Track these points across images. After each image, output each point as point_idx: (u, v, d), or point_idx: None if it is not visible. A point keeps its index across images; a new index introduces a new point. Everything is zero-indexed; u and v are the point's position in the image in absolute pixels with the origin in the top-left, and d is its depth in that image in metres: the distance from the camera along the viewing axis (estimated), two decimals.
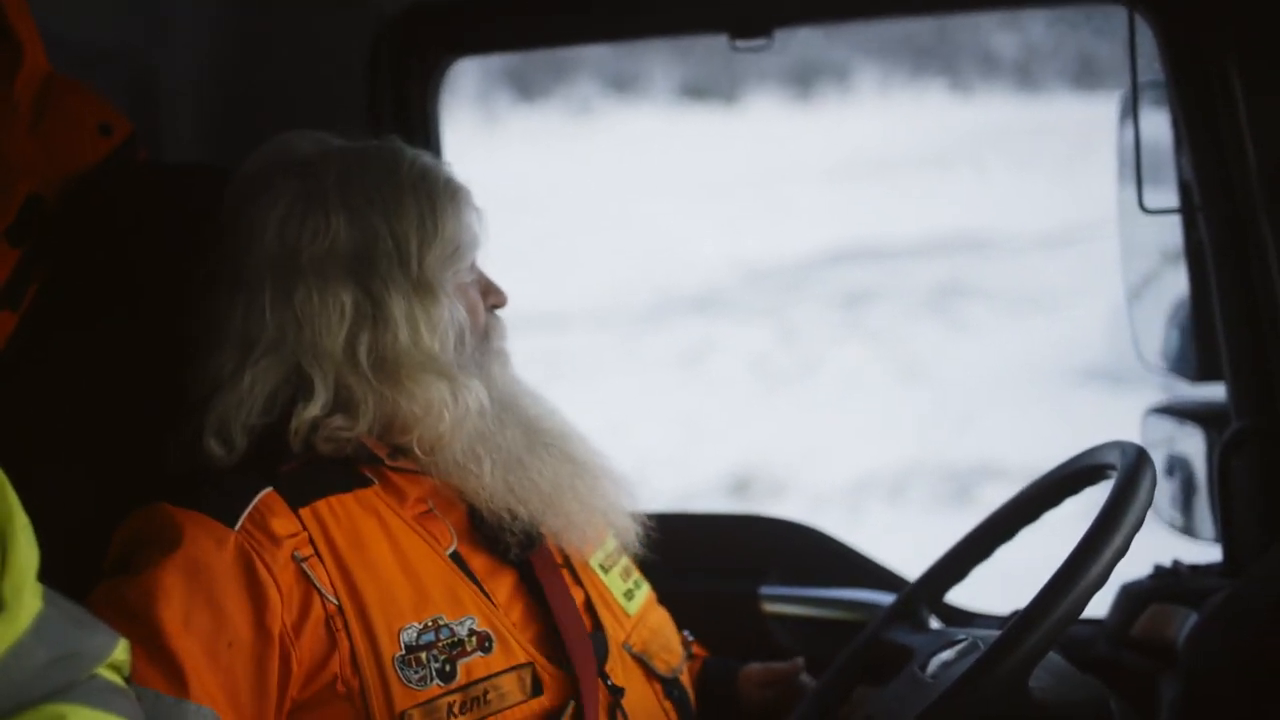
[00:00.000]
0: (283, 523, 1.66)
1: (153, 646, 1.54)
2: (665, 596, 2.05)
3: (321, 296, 1.72)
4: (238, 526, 1.64)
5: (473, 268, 1.84)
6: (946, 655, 1.76)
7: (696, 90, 13.77)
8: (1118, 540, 1.60)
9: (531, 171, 12.20)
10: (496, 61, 11.94)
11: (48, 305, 1.83)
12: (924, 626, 1.95)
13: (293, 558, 1.65)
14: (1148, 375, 2.76)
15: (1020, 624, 1.57)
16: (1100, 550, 1.59)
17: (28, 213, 1.80)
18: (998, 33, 12.42)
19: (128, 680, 1.30)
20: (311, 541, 1.67)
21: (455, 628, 1.67)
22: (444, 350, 1.76)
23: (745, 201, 12.17)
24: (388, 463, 1.75)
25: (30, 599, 1.21)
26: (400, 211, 1.75)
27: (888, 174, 12.55)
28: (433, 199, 1.78)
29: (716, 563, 2.58)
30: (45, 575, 1.25)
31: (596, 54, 13.15)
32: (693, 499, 7.66)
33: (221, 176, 1.95)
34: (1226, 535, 2.25)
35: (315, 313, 1.72)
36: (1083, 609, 1.59)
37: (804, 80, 13.55)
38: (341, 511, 1.71)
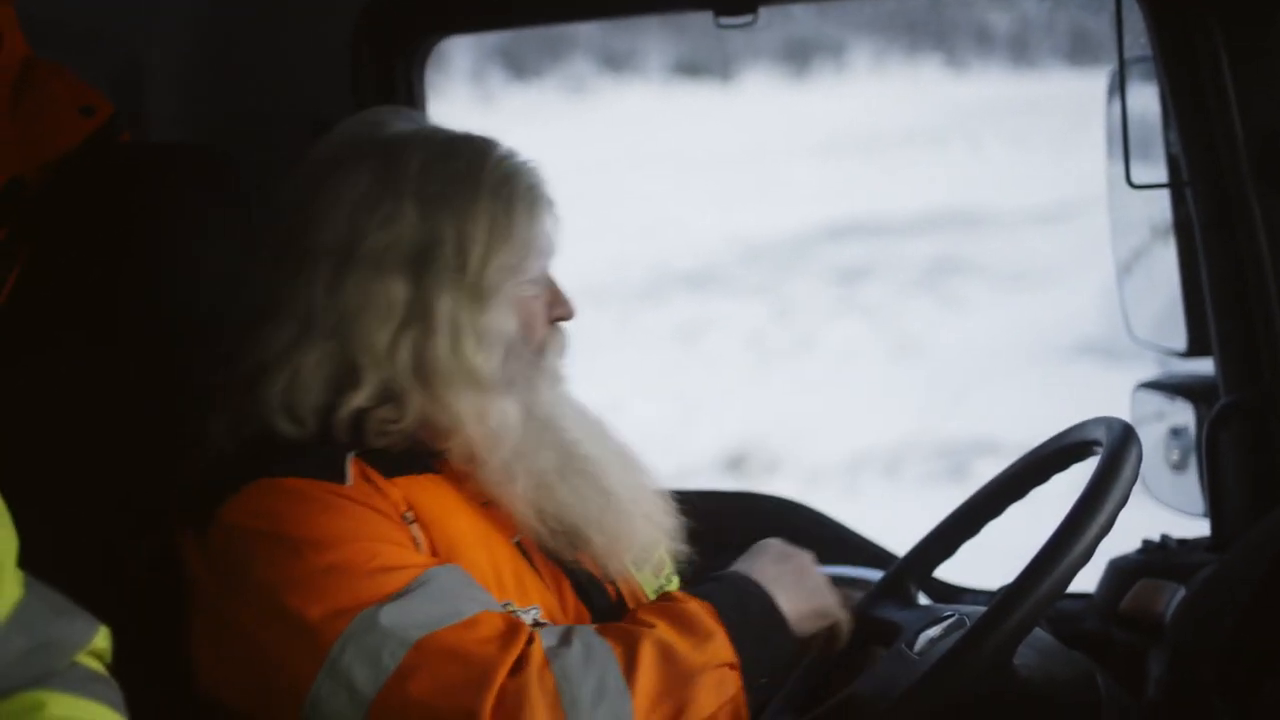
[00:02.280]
0: (383, 485, 1.66)
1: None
2: None
3: (372, 289, 1.67)
4: (349, 482, 1.64)
5: (541, 278, 1.79)
6: (934, 632, 1.77)
7: (691, 68, 13.73)
8: (1102, 517, 1.60)
9: (526, 149, 12.14)
10: (490, 40, 11.90)
11: (32, 289, 1.83)
12: (912, 603, 1.95)
13: (403, 518, 1.65)
14: (1141, 350, 2.77)
15: (1005, 601, 1.58)
16: (1085, 527, 1.59)
17: (9, 195, 1.80)
18: (992, 9, 12.38)
19: (109, 668, 1.30)
20: (410, 507, 1.67)
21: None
22: (485, 363, 1.70)
23: (740, 178, 12.15)
24: (445, 456, 1.73)
25: (10, 586, 1.21)
26: (472, 213, 1.69)
27: (882, 150, 12.53)
28: (511, 204, 1.72)
29: (708, 540, 2.59)
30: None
31: (590, 32, 13.10)
32: (688, 476, 7.64)
33: (208, 157, 1.95)
34: (1214, 510, 2.25)
35: (362, 305, 1.67)
36: (1067, 586, 1.59)
37: (798, 57, 13.51)
38: (420, 489, 1.70)
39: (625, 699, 1.56)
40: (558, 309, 1.80)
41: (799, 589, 1.78)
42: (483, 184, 1.71)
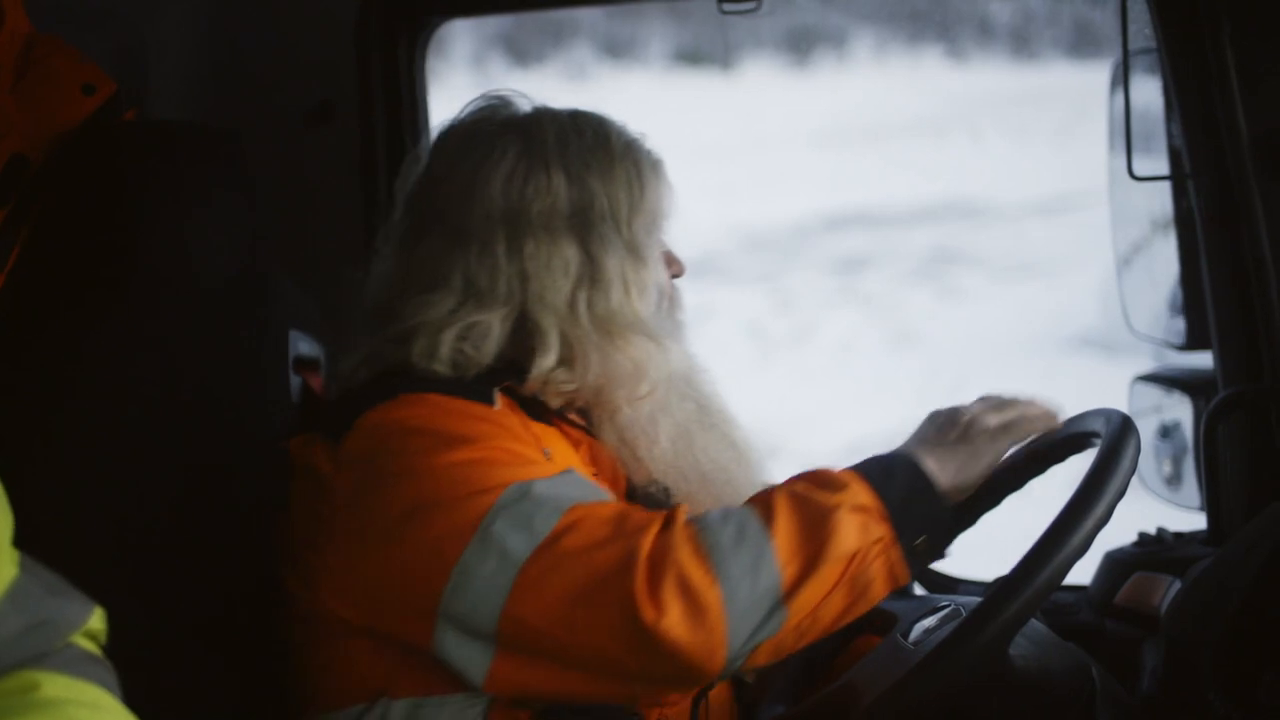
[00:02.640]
0: (525, 420, 1.75)
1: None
2: None
3: (549, 251, 1.77)
4: (497, 406, 1.73)
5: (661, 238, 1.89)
6: (929, 622, 1.77)
7: (692, 56, 13.71)
8: (1100, 509, 1.60)
9: None
10: (491, 25, 11.88)
11: (33, 267, 1.82)
12: (908, 593, 1.95)
13: (542, 451, 1.72)
14: (1140, 344, 2.77)
15: (1001, 592, 1.58)
16: (1082, 519, 1.59)
17: (11, 172, 1.79)
18: (993, 0, 12.37)
19: (103, 649, 1.29)
20: (546, 447, 1.74)
21: None
22: (650, 313, 1.81)
23: (741, 167, 12.14)
24: (567, 415, 1.82)
25: (6, 565, 1.20)
26: (612, 177, 1.81)
27: (883, 140, 12.51)
28: (639, 168, 1.83)
29: None
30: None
31: (591, 18, 13.08)
32: None
33: (213, 135, 1.94)
34: (1211, 503, 2.25)
35: (543, 267, 1.77)
36: (1064, 577, 1.59)
37: (800, 46, 13.49)
38: (550, 437, 1.77)
39: (765, 540, 1.60)
40: (674, 267, 1.91)
41: (944, 445, 1.76)
42: (614, 152, 1.83)
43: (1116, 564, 2.31)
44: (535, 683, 1.62)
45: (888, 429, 1.79)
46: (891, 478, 1.69)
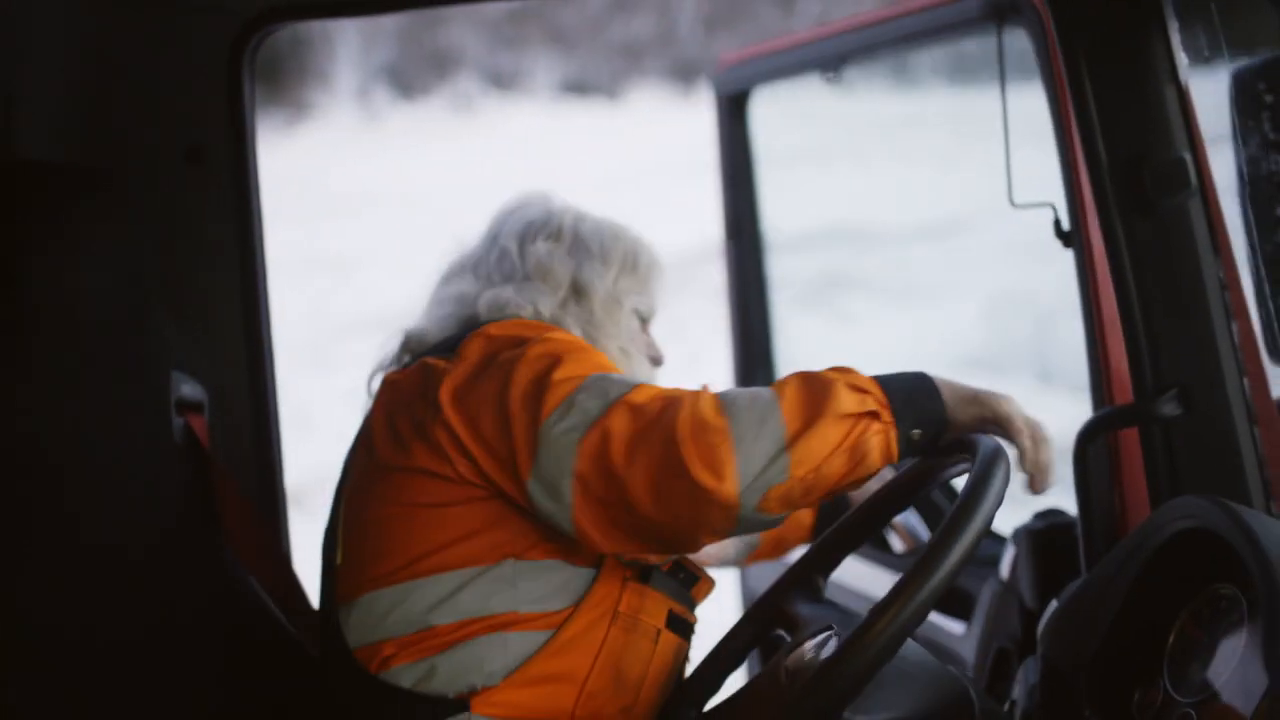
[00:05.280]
0: None
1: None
2: None
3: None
4: None
5: None
6: (808, 646, 1.78)
7: (579, 86, 13.76)
8: (970, 535, 1.62)
9: (414, 169, 12.10)
10: (377, 58, 11.86)
11: None
12: (819, 596, 1.95)
13: None
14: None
15: (871, 620, 1.59)
16: (950, 546, 1.61)
17: None
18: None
19: None
20: None
21: None
22: None
23: (627, 196, 12.18)
24: None
25: None
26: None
27: (768, 167, 12.62)
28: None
29: None
30: None
31: (476, 49, 13.09)
32: None
33: (81, 175, 1.92)
34: (1085, 524, 2.29)
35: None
36: (935, 602, 1.61)
37: (684, 75, 13.59)
38: None
39: (774, 401, 1.85)
40: None
41: (955, 385, 1.90)
42: None
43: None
44: (613, 523, 1.88)
45: None
46: (897, 377, 1.89)
